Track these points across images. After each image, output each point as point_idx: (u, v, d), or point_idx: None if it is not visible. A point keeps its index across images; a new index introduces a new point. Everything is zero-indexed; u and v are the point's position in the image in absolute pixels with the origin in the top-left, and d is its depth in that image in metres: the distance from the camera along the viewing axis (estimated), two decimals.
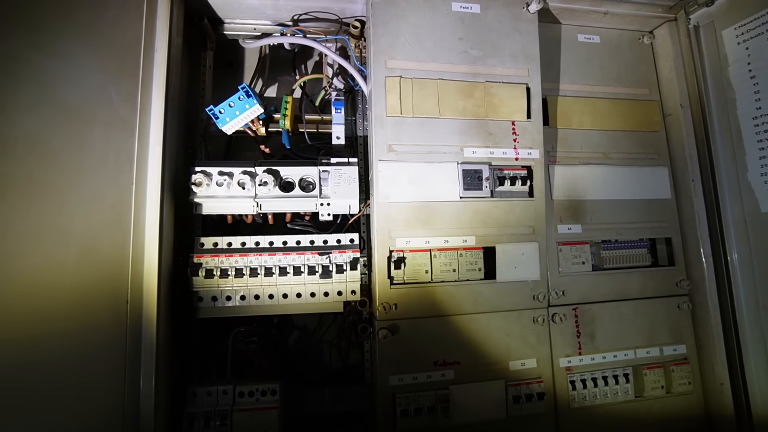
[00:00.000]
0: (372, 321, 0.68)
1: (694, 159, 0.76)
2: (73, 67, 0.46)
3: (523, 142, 0.69)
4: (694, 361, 0.75)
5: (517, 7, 0.71)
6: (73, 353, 0.45)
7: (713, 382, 0.73)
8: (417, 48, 0.67)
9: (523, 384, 0.68)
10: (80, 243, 0.46)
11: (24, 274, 0.38)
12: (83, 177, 0.47)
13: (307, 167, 0.69)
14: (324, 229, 0.73)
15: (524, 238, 0.68)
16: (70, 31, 0.45)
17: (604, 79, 0.80)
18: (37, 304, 0.40)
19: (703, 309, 0.74)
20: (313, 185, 0.69)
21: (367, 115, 0.77)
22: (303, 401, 0.71)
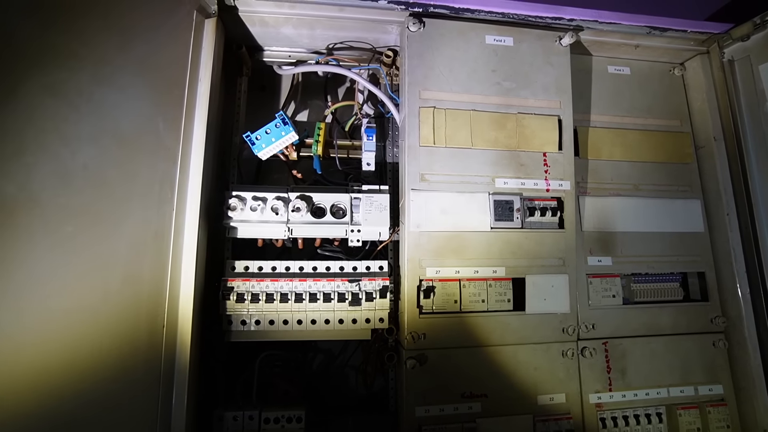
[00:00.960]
0: (398, 349, 0.68)
1: (729, 192, 0.75)
2: (129, 99, 0.48)
3: (554, 173, 0.69)
4: (732, 403, 0.72)
5: (549, 41, 0.72)
6: (114, 378, 0.46)
7: (755, 428, 0.70)
8: (450, 79, 0.68)
9: (552, 420, 0.66)
10: (125, 269, 0.47)
11: (74, 301, 0.40)
12: (131, 205, 0.48)
13: (339, 194, 0.70)
14: (352, 255, 0.73)
15: (554, 270, 0.68)
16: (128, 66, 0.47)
17: (634, 110, 0.79)
18: (81, 329, 0.41)
19: (741, 348, 0.72)
20: (344, 212, 0.70)
21: (397, 141, 0.78)
22: (327, 428, 0.71)
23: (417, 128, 0.67)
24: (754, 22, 0.71)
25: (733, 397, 0.72)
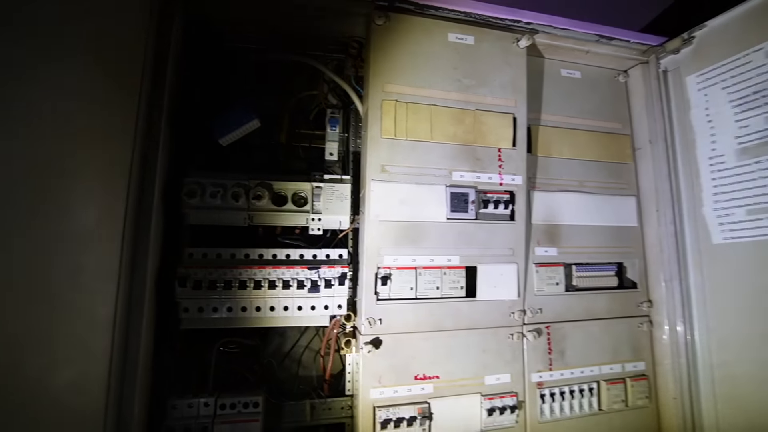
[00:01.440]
0: (356, 334, 0.70)
1: (659, 191, 0.83)
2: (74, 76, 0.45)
3: (507, 168, 0.73)
4: (651, 377, 0.81)
5: (508, 42, 0.75)
6: (66, 358, 0.44)
7: (666, 396, 0.80)
8: (413, 74, 0.70)
9: (497, 398, 0.71)
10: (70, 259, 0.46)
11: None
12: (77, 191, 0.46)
13: (301, 183, 0.70)
14: (313, 243, 0.74)
15: (504, 259, 0.72)
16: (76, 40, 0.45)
17: (583, 112, 0.85)
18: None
19: (661, 329, 0.81)
20: (306, 200, 0.71)
21: (360, 132, 0.79)
22: (285, 413, 0.72)
23: (379, 120, 0.68)
24: (682, 37, 0.78)
25: (653, 371, 0.81)
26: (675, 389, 0.78)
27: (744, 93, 0.70)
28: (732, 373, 0.71)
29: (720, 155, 0.73)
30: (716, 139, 0.74)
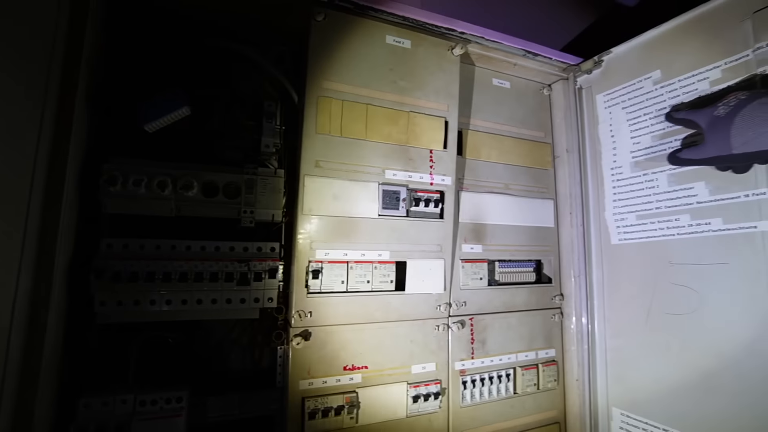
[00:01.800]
0: (286, 327, 0.70)
1: (572, 195, 0.92)
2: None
3: (438, 169, 0.78)
4: (560, 362, 0.90)
5: (443, 49, 0.80)
6: None
7: (571, 378, 0.89)
8: (351, 72, 0.72)
9: (423, 385, 0.76)
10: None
11: None
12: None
13: (234, 174, 0.69)
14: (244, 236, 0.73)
15: (432, 255, 0.77)
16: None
17: (511, 120, 0.92)
18: None
19: (569, 319, 0.91)
20: (238, 192, 0.70)
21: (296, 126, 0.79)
22: (213, 407, 0.71)
23: (315, 116, 0.69)
24: (594, 60, 0.87)
25: (562, 357, 0.91)
26: (578, 372, 0.88)
27: (637, 114, 0.80)
28: (620, 356, 0.82)
29: (619, 166, 0.83)
30: (617, 152, 0.84)
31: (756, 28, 0.65)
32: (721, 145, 0.59)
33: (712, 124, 0.61)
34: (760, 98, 0.55)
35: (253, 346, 0.77)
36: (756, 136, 0.55)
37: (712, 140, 0.61)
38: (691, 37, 0.74)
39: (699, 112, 0.64)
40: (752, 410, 0.64)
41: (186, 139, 0.73)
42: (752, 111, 0.55)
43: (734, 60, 0.68)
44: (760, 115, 0.54)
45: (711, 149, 0.61)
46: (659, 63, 0.78)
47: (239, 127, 0.74)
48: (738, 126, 0.56)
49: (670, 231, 0.75)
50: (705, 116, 0.63)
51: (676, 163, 0.70)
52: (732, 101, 0.59)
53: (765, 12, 0.64)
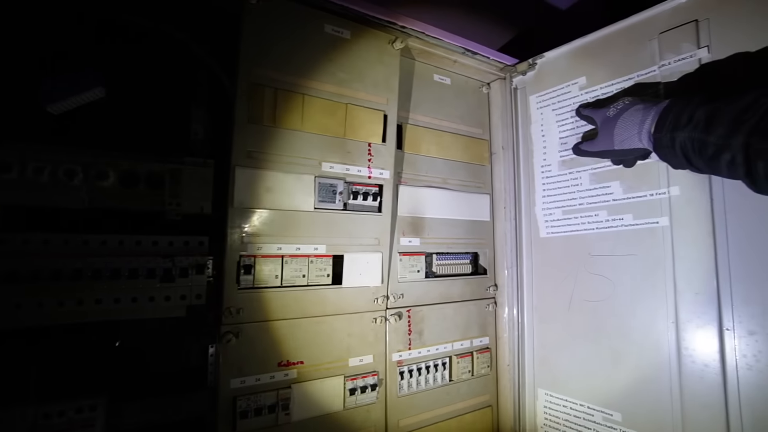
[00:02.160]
0: (216, 324, 0.68)
1: (507, 190, 0.97)
2: None
3: (376, 162, 0.78)
4: (493, 350, 0.95)
5: (383, 42, 0.79)
6: None
7: (503, 364, 0.95)
8: (287, 61, 0.69)
9: (360, 378, 0.76)
10: None
11: None
12: None
13: (157, 163, 0.64)
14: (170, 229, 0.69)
15: (370, 249, 0.77)
16: None
17: (450, 116, 0.94)
18: None
19: (502, 308, 0.96)
20: (163, 182, 0.65)
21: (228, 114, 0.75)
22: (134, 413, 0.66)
23: (247, 104, 0.66)
24: (528, 62, 0.92)
25: (495, 344, 0.96)
26: (509, 358, 0.94)
27: (564, 116, 0.85)
28: (546, 340, 0.88)
29: (548, 165, 0.88)
30: (546, 151, 0.89)
31: (661, 47, 0.72)
32: (607, 141, 0.68)
33: (603, 122, 0.69)
34: (637, 105, 0.65)
35: (182, 345, 0.73)
36: (629, 137, 0.64)
37: (602, 136, 0.69)
38: (611, 50, 0.80)
39: (597, 111, 0.72)
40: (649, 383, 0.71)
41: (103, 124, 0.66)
42: (629, 115, 0.64)
43: (645, 73, 0.74)
44: (632, 119, 0.63)
45: (600, 144, 0.70)
46: (585, 70, 0.83)
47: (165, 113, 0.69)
48: (619, 126, 0.65)
49: (590, 225, 0.81)
50: (600, 115, 0.71)
51: (576, 153, 0.78)
52: (620, 105, 0.67)
53: (669, 33, 0.71)
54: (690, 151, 0.56)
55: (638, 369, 0.73)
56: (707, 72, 0.66)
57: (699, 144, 0.54)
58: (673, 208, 0.69)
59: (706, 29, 0.67)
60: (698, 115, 0.54)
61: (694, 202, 0.67)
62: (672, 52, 0.70)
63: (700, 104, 0.55)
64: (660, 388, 0.70)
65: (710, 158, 0.54)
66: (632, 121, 0.63)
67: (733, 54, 0.64)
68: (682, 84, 0.69)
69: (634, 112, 0.64)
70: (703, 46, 0.67)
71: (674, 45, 0.70)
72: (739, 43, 0.63)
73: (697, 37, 0.68)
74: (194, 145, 0.71)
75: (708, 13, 0.67)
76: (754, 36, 0.62)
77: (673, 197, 0.69)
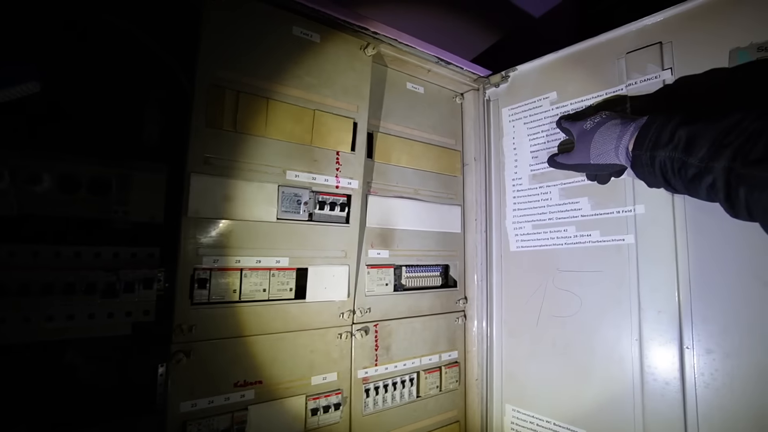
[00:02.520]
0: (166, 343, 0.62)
1: (478, 203, 0.96)
2: None
3: (345, 171, 0.75)
4: (462, 364, 0.94)
5: (354, 47, 0.77)
6: None
7: (471, 378, 0.93)
8: (250, 62, 0.65)
9: (323, 397, 0.73)
10: None
11: None
12: None
13: (102, 167, 0.59)
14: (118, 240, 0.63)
15: (336, 261, 0.74)
16: None
17: (423, 126, 0.93)
18: None
19: (471, 322, 0.94)
20: (109, 188, 0.60)
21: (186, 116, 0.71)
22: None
23: (206, 107, 0.62)
24: (502, 74, 0.92)
25: (464, 358, 0.94)
26: (477, 372, 0.92)
27: (536, 130, 0.85)
28: (514, 355, 0.87)
29: (519, 178, 0.88)
30: (518, 164, 0.88)
31: (628, 66, 0.73)
32: (584, 154, 0.67)
33: (580, 135, 0.68)
34: (614, 119, 0.63)
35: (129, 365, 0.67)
36: (605, 151, 0.63)
37: (578, 149, 0.68)
38: (581, 66, 0.80)
39: (575, 124, 0.71)
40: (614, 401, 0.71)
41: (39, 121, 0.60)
42: (606, 129, 0.63)
43: (613, 92, 0.75)
44: (609, 134, 0.62)
45: (576, 157, 0.69)
46: (556, 85, 0.84)
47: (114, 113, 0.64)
48: (596, 140, 0.64)
49: (559, 240, 0.81)
50: (577, 128, 0.70)
51: (552, 165, 0.76)
52: (596, 118, 0.66)
53: (636, 53, 0.72)
54: (669, 171, 0.54)
55: (603, 386, 0.73)
56: (681, 87, 0.67)
57: (679, 164, 0.52)
58: (639, 226, 0.70)
59: (670, 52, 0.68)
60: (679, 134, 0.52)
61: (658, 220, 0.68)
62: (638, 72, 0.72)
63: (681, 123, 0.53)
64: (624, 406, 0.70)
65: (690, 180, 0.52)
66: (609, 136, 0.62)
67: (709, 70, 0.64)
68: (654, 100, 0.69)
69: (611, 127, 0.62)
70: (666, 68, 0.68)
71: (640, 65, 0.71)
72: (700, 67, 0.65)
73: (661, 59, 0.69)
74: (148, 149, 0.66)
75: (671, 36, 0.69)
76: (713, 60, 0.63)
77: (639, 215, 0.70)
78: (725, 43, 0.63)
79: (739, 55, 0.62)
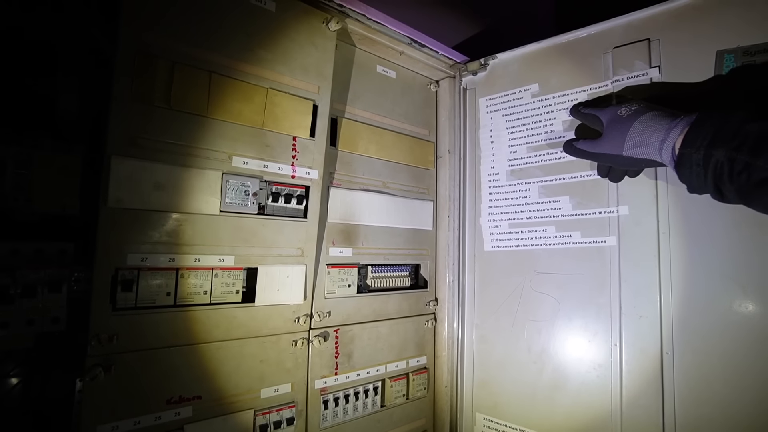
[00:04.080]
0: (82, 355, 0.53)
1: (452, 198, 0.89)
2: None
3: (302, 160, 0.66)
4: (431, 370, 0.88)
5: (316, 20, 0.68)
6: None
7: (441, 385, 0.87)
8: (191, 28, 0.56)
9: (274, 411, 0.65)
10: None
11: None
12: None
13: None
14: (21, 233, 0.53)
15: (291, 260, 0.66)
16: None
17: (394, 113, 0.85)
18: None
19: (442, 325, 0.88)
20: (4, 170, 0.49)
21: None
22: None
23: (130, 78, 0.52)
24: (480, 62, 0.85)
25: (434, 364, 0.88)
26: (447, 378, 0.86)
27: (515, 123, 0.80)
28: (486, 361, 0.82)
29: (496, 173, 0.82)
30: (495, 159, 0.82)
31: (615, 61, 0.68)
32: (616, 143, 0.58)
33: (613, 121, 0.59)
34: (656, 110, 0.56)
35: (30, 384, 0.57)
36: (645, 143, 0.54)
37: (609, 137, 0.59)
38: (565, 59, 0.75)
39: (604, 110, 0.62)
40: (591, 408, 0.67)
41: None
42: (648, 120, 0.55)
43: (598, 87, 0.71)
44: (652, 126, 0.54)
45: (606, 145, 0.60)
46: (538, 77, 0.78)
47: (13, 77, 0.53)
48: (635, 130, 0.55)
49: (537, 241, 0.76)
50: (608, 114, 0.61)
51: (569, 152, 0.67)
52: (634, 106, 0.58)
53: (623, 48, 0.68)
54: (726, 174, 0.47)
55: (580, 393, 0.69)
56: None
57: (741, 167, 0.45)
58: (622, 228, 0.65)
59: (657, 49, 0.64)
60: (746, 131, 0.45)
61: (642, 222, 0.63)
62: (625, 69, 0.67)
63: (748, 120, 0.46)
64: (602, 414, 0.66)
65: (755, 185, 0.45)
66: (653, 127, 0.54)
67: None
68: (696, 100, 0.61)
69: (655, 118, 0.54)
70: (654, 65, 0.64)
71: (628, 61, 0.67)
72: (686, 66, 0.61)
73: (649, 56, 0.65)
74: (63, 125, 0.56)
75: (659, 33, 0.65)
76: (700, 60, 0.60)
77: (622, 216, 0.65)
78: (712, 45, 0.59)
79: (725, 57, 0.58)
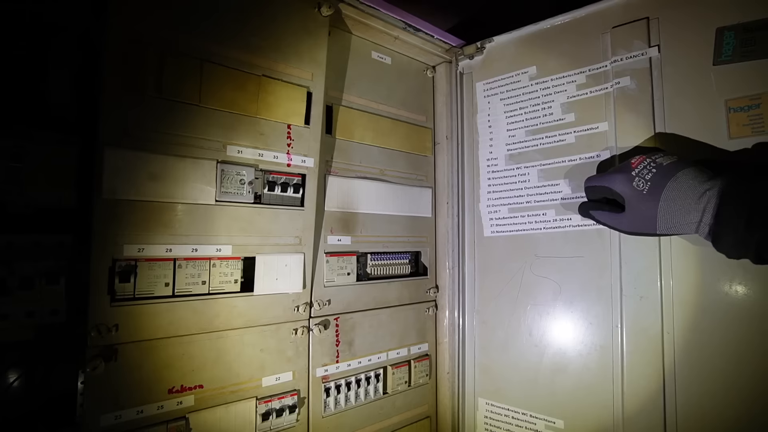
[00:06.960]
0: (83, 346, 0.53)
1: (450, 185, 0.89)
2: None
3: (297, 148, 0.66)
4: (433, 356, 0.88)
5: (308, 5, 0.67)
6: None
7: (443, 371, 0.88)
8: (179, 16, 0.55)
9: (276, 399, 0.65)
10: None
11: None
12: None
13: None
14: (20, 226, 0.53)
15: (289, 249, 0.66)
16: None
17: (390, 100, 0.84)
18: None
19: (443, 312, 0.88)
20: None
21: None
22: None
23: (122, 67, 0.51)
24: (476, 45, 0.84)
25: (435, 351, 0.88)
26: (449, 365, 0.87)
27: (513, 107, 0.79)
28: (488, 346, 0.82)
29: (495, 158, 0.81)
30: (493, 143, 0.82)
31: (613, 42, 0.67)
32: (648, 223, 0.54)
33: (635, 199, 0.54)
34: (678, 182, 0.51)
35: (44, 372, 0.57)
36: (681, 225, 0.51)
37: (637, 216, 0.55)
38: (563, 40, 0.74)
39: (615, 180, 0.57)
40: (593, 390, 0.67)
41: None
42: (675, 198, 0.51)
43: (596, 68, 0.70)
44: (682, 202, 0.50)
45: (637, 223, 0.55)
46: (536, 59, 0.77)
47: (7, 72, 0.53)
48: (664, 210, 0.52)
49: (537, 225, 0.76)
50: (623, 186, 0.56)
51: (585, 216, 0.64)
52: (647, 174, 0.54)
53: (622, 28, 0.67)
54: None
55: (582, 375, 0.69)
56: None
57: None
58: None
59: (657, 28, 0.63)
60: None
61: None
62: (624, 48, 0.66)
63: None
64: (604, 394, 0.66)
65: None
66: (684, 207, 0.50)
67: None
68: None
69: (680, 195, 0.50)
70: (653, 45, 0.63)
71: (626, 41, 0.66)
72: (686, 45, 0.60)
73: (648, 35, 0.64)
74: (56, 117, 0.55)
75: (659, 12, 0.64)
76: (700, 38, 0.59)
77: None
78: (712, 22, 0.58)
79: (725, 35, 0.57)
